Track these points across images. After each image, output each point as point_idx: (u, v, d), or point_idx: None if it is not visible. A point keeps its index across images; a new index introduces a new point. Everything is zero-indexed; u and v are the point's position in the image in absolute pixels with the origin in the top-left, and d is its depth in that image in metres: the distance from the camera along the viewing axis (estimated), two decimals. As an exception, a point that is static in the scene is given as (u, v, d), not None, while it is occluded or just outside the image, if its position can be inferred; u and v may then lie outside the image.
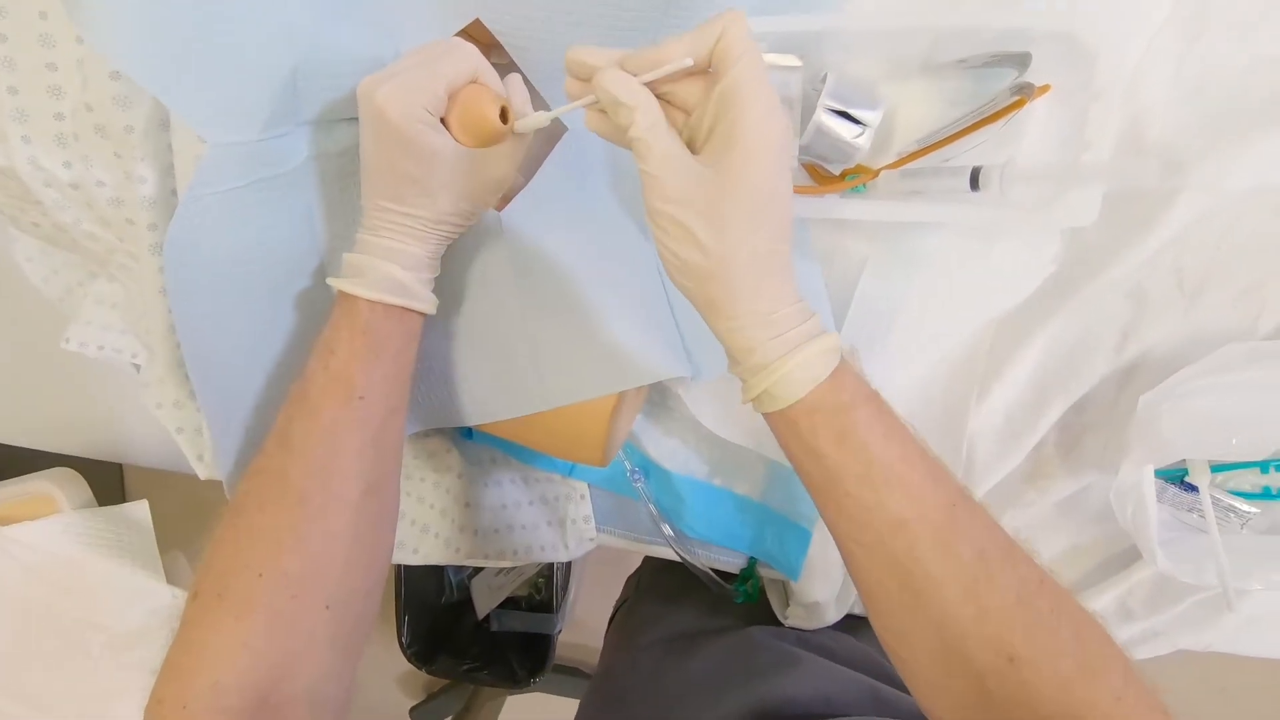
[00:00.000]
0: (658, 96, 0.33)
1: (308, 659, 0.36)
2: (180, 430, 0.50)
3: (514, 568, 1.36)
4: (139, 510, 0.61)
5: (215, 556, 0.37)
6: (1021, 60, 0.43)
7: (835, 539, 0.35)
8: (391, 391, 0.40)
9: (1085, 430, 0.52)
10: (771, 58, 0.46)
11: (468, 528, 0.59)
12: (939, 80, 0.46)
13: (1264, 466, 0.51)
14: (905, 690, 0.51)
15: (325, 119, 0.40)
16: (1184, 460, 0.52)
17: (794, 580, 0.57)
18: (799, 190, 0.48)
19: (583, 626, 1.49)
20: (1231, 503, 0.51)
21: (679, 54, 0.31)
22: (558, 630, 1.22)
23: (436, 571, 1.36)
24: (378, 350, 0.39)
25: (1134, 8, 0.43)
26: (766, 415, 0.35)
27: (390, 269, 0.38)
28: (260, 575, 0.36)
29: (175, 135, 0.39)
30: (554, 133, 0.49)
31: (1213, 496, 0.51)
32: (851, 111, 0.45)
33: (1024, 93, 0.43)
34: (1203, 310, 0.49)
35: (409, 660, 1.23)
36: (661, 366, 0.45)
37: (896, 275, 0.50)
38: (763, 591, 0.63)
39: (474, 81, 0.38)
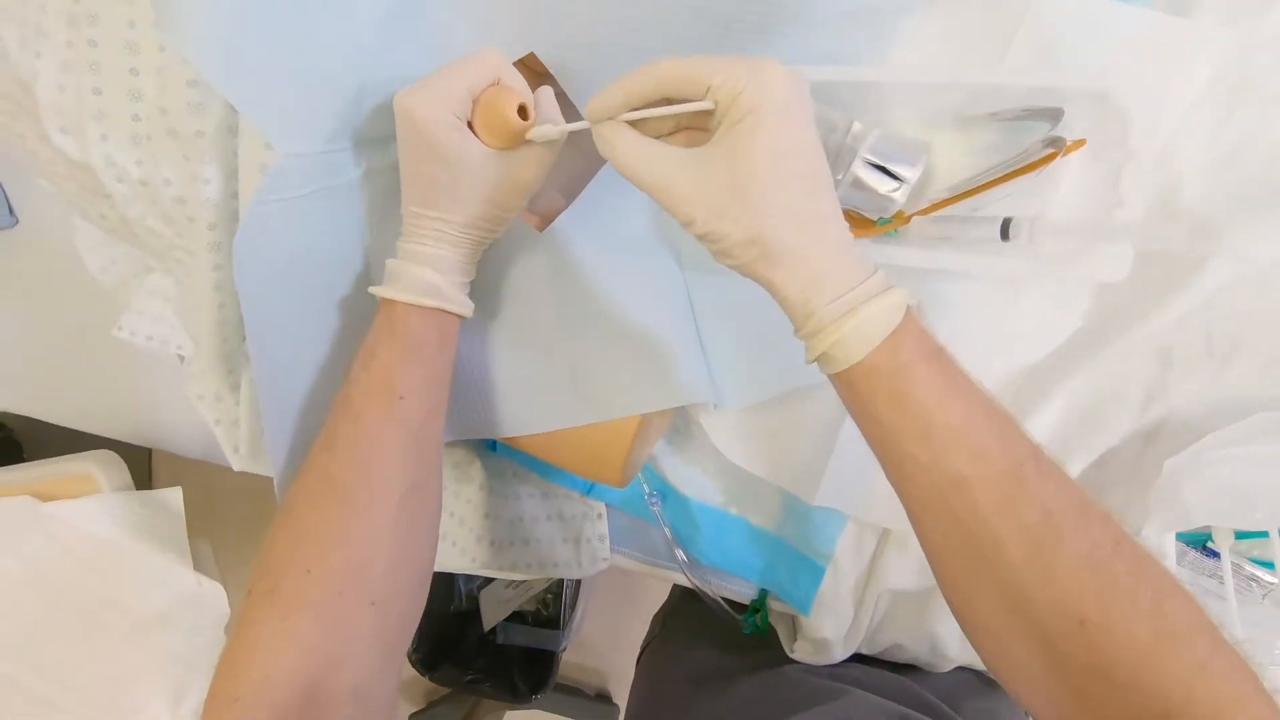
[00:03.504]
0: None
1: (353, 656, 0.37)
2: (218, 422, 0.52)
3: (524, 582, 1.36)
4: (173, 497, 0.63)
5: (268, 555, 0.38)
6: (1054, 115, 0.43)
7: (900, 499, 0.35)
8: (430, 392, 0.41)
9: (1107, 487, 0.52)
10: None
11: (484, 538, 0.60)
12: (972, 131, 0.47)
13: (1290, 537, 0.50)
14: (936, 716, 0.50)
15: (379, 136, 0.42)
16: (1208, 524, 0.51)
17: (805, 615, 0.57)
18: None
19: (587, 647, 1.48)
20: (1254, 572, 0.51)
21: (696, 96, 0.33)
22: (562, 648, 1.21)
23: (447, 579, 1.37)
24: (415, 351, 0.40)
25: (1172, 74, 0.44)
26: (829, 376, 0.35)
27: (424, 273, 0.40)
28: (308, 572, 0.37)
29: (241, 142, 0.41)
30: (599, 157, 0.51)
31: (1234, 564, 0.50)
32: (889, 166, 0.46)
33: (1056, 147, 0.44)
34: (1231, 376, 0.49)
35: (413, 666, 1.24)
36: (687, 391, 0.46)
37: (924, 320, 0.50)
38: (771, 625, 0.63)
39: (496, 84, 0.39)
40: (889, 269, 0.50)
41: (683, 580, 0.62)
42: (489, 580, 1.39)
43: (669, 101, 0.34)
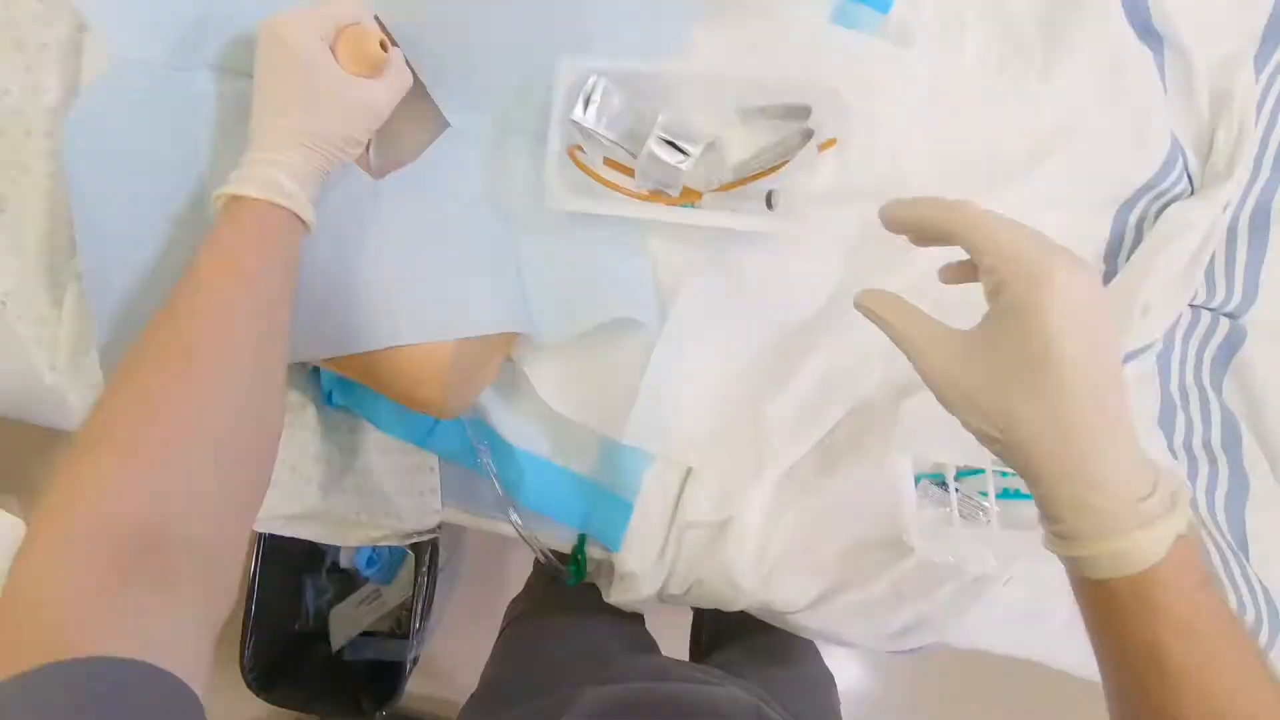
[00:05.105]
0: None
1: (195, 505, 0.35)
2: (38, 341, 0.52)
3: (378, 598, 1.33)
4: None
5: (100, 409, 0.36)
6: (804, 112, 0.54)
7: (1117, 684, 0.34)
8: (278, 280, 0.41)
9: (866, 431, 0.62)
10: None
11: (314, 481, 0.62)
12: (751, 125, 0.58)
13: (1005, 472, 0.61)
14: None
15: (226, 67, 0.47)
16: (941, 465, 0.62)
17: (614, 550, 0.62)
18: (641, 198, 0.57)
19: (436, 675, 1.44)
20: (979, 501, 0.61)
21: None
22: (412, 657, 1.19)
23: (294, 596, 1.32)
24: (265, 239, 0.41)
25: (897, 85, 0.57)
26: (1072, 572, 0.34)
27: (276, 174, 0.42)
28: (148, 421, 0.35)
29: (85, 60, 0.45)
30: (438, 126, 0.58)
31: (961, 494, 0.60)
32: (678, 142, 0.55)
33: (807, 137, 0.55)
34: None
35: (247, 686, 1.17)
36: (500, 320, 0.52)
37: (715, 280, 0.59)
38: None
39: (356, 25, 0.46)
40: (687, 235, 0.59)
41: (509, 531, 0.66)
42: (340, 598, 1.35)
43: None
